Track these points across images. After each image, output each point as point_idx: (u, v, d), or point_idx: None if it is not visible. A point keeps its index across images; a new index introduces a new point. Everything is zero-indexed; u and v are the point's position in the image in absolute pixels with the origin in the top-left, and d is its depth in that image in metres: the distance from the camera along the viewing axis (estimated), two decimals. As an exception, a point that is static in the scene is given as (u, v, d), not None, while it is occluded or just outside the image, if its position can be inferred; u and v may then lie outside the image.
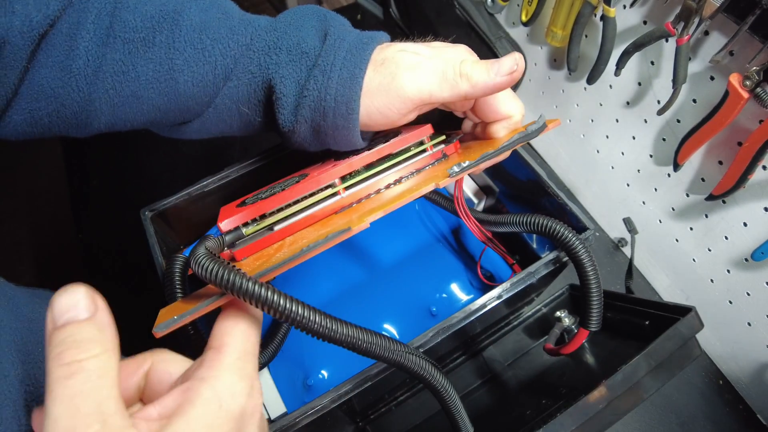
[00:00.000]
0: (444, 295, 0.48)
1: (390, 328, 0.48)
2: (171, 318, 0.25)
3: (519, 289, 0.39)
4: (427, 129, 0.38)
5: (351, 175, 0.35)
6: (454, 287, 0.48)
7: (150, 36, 0.32)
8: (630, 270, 0.51)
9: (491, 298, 0.39)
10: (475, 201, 0.54)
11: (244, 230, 0.33)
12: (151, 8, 0.33)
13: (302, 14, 0.36)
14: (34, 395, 0.27)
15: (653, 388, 0.35)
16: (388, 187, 0.36)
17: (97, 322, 0.19)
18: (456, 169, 0.32)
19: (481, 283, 0.49)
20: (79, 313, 0.19)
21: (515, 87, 0.77)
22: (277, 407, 0.43)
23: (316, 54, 0.34)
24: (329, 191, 0.35)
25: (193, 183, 0.44)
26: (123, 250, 0.74)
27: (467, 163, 0.33)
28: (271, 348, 0.43)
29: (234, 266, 0.25)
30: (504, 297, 0.39)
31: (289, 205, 0.34)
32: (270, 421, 0.43)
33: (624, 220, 0.47)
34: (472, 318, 0.38)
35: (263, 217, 0.34)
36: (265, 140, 0.74)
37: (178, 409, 0.20)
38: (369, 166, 0.36)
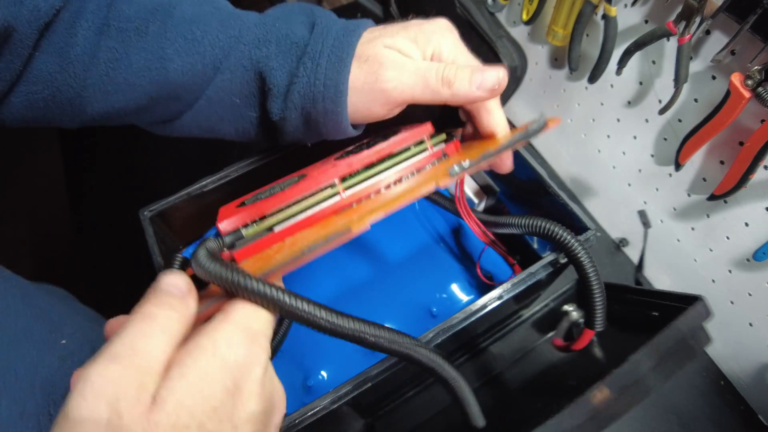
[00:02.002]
0: (444, 296, 0.48)
1: (390, 329, 0.48)
2: None
3: (520, 289, 0.39)
4: (427, 128, 0.37)
5: (351, 175, 0.35)
6: (455, 288, 0.48)
7: (143, 26, 0.34)
8: (641, 263, 0.51)
9: (492, 299, 0.38)
10: (476, 201, 0.54)
11: (243, 232, 0.33)
12: (146, 0, 0.35)
13: (289, 10, 0.37)
14: (45, 376, 0.29)
15: (659, 382, 0.35)
16: (388, 187, 0.36)
17: (186, 301, 0.24)
18: (457, 169, 0.32)
19: (482, 283, 0.49)
20: (174, 289, 0.24)
21: (515, 86, 0.76)
22: (277, 408, 0.43)
23: (304, 43, 0.35)
24: (329, 191, 0.35)
25: (193, 183, 0.43)
26: (122, 250, 0.74)
27: (468, 162, 0.33)
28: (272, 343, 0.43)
29: (236, 265, 0.25)
30: (505, 297, 0.39)
31: (290, 206, 0.34)
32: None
33: (639, 212, 0.47)
34: (473, 318, 0.38)
35: (263, 218, 0.34)
36: (265, 140, 0.74)
37: (177, 357, 0.22)
38: (369, 166, 0.36)
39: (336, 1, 1.42)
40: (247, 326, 0.24)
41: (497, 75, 0.34)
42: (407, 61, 0.34)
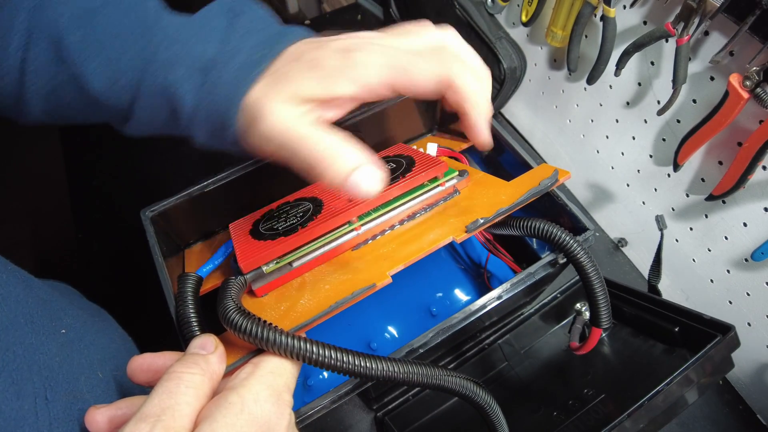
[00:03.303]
0: (444, 296, 0.48)
1: (390, 329, 0.48)
2: None
3: (519, 289, 0.39)
4: (443, 166, 0.39)
5: (367, 213, 0.38)
6: (455, 288, 0.48)
7: (63, 36, 0.32)
8: (658, 268, 0.51)
9: (491, 299, 0.39)
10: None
11: (264, 269, 0.35)
12: (68, 8, 0.32)
13: (212, 15, 0.34)
14: (44, 361, 0.30)
15: (689, 403, 0.36)
16: (401, 222, 0.37)
17: (209, 358, 0.26)
18: (472, 226, 0.35)
19: (481, 283, 0.49)
20: (201, 350, 0.27)
21: (514, 87, 0.77)
22: (278, 408, 0.43)
23: (211, 66, 0.32)
24: (346, 228, 0.37)
25: (194, 183, 0.44)
26: (123, 250, 0.74)
27: (483, 219, 0.35)
28: None
29: (265, 321, 0.27)
30: (504, 297, 0.39)
31: (309, 243, 0.36)
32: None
33: (656, 217, 0.48)
34: (472, 318, 0.38)
35: (283, 256, 0.36)
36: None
37: (206, 412, 0.23)
38: (385, 204, 0.38)
39: (336, 2, 1.43)
40: (273, 383, 0.25)
41: (370, 190, 0.28)
42: (281, 125, 0.30)
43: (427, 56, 0.30)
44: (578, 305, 0.47)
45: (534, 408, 0.46)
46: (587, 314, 0.47)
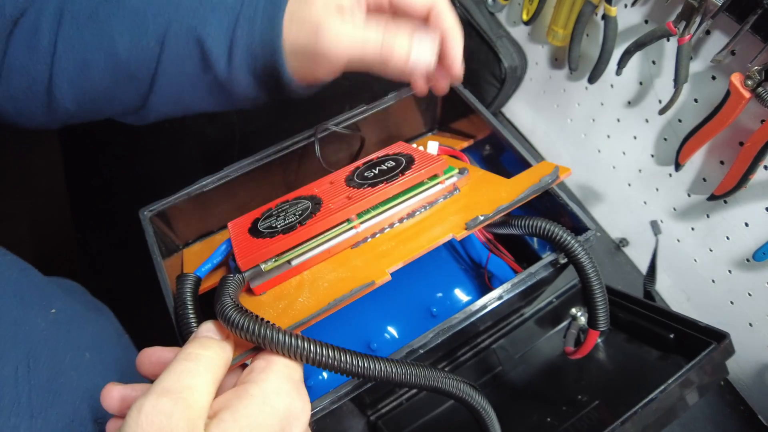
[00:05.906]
0: (444, 296, 0.48)
1: (390, 329, 0.48)
2: None
3: (520, 290, 0.39)
4: (443, 164, 0.39)
5: (366, 210, 0.37)
6: (455, 288, 0.48)
7: (94, 11, 0.35)
8: (652, 273, 0.51)
9: (492, 299, 0.38)
10: (476, 201, 0.54)
11: (263, 266, 0.35)
12: None
13: None
14: (27, 332, 0.30)
15: (683, 410, 0.36)
16: (401, 220, 0.37)
17: (222, 343, 0.26)
18: (472, 223, 0.35)
19: (482, 283, 0.49)
20: (213, 335, 0.27)
21: (515, 87, 0.76)
22: (277, 408, 0.43)
23: (240, 4, 0.36)
24: (346, 225, 0.36)
25: (193, 183, 0.44)
26: (122, 250, 0.74)
27: (483, 216, 0.35)
28: None
29: (264, 319, 0.26)
30: (505, 298, 0.39)
31: (308, 241, 0.36)
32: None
33: (650, 223, 0.48)
34: (473, 319, 0.38)
35: (281, 254, 0.36)
36: (265, 139, 0.74)
37: (227, 404, 0.23)
38: (384, 201, 0.38)
39: None
40: (292, 376, 0.25)
41: (430, 50, 0.35)
42: (345, 26, 0.34)
43: None
44: (573, 310, 0.47)
45: (527, 413, 0.46)
46: (582, 319, 0.47)
